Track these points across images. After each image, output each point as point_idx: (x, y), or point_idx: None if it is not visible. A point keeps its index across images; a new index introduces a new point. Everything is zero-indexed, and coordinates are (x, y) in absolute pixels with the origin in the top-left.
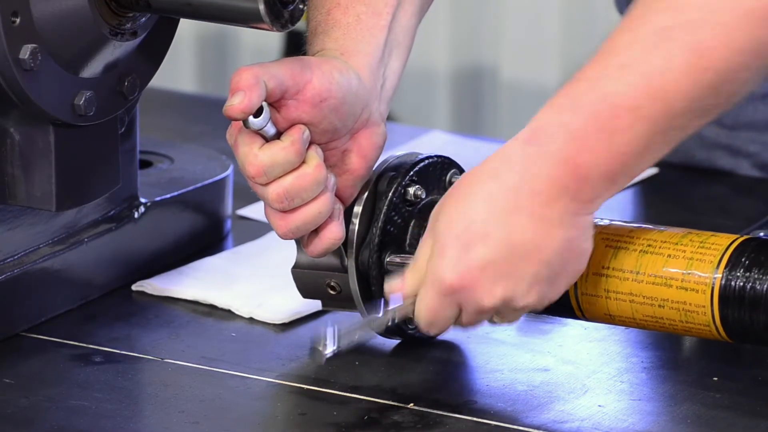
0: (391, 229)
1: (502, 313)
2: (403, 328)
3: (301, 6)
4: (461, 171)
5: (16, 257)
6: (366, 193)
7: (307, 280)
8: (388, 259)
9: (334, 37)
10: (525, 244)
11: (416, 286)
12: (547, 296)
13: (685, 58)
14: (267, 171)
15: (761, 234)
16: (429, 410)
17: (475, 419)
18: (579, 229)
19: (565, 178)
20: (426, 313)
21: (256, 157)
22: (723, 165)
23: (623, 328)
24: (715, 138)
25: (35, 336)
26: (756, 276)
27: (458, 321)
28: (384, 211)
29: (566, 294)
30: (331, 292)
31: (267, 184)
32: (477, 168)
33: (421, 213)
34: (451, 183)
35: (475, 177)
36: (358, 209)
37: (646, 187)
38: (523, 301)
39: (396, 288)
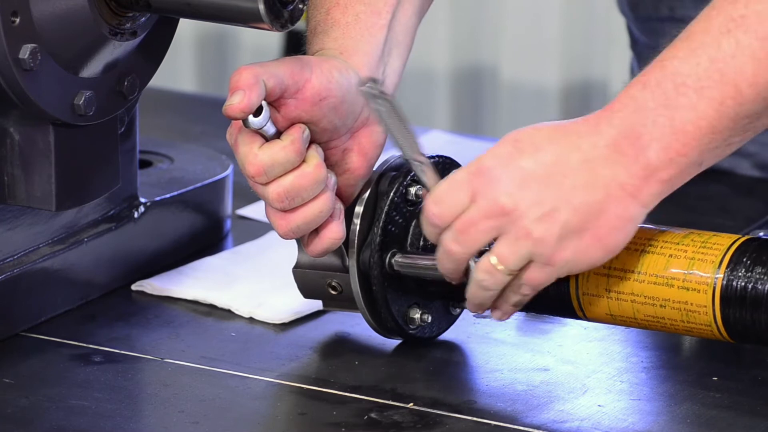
0: (393, 228)
1: (507, 235)
2: (404, 327)
3: (300, 6)
4: None
5: (16, 257)
6: (367, 193)
7: (308, 279)
8: (393, 260)
9: (333, 36)
10: (565, 178)
11: None
12: (554, 244)
13: (755, 46)
14: (267, 170)
15: (761, 234)
16: (429, 410)
17: (475, 419)
18: (621, 206)
19: (624, 145)
20: (439, 188)
21: (256, 156)
22: (722, 165)
23: (623, 328)
24: None
25: (35, 336)
26: (757, 276)
27: (460, 220)
28: (385, 210)
29: (567, 293)
30: (332, 292)
31: (267, 183)
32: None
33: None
34: None
35: (553, 122)
36: (359, 209)
37: None
38: (533, 226)
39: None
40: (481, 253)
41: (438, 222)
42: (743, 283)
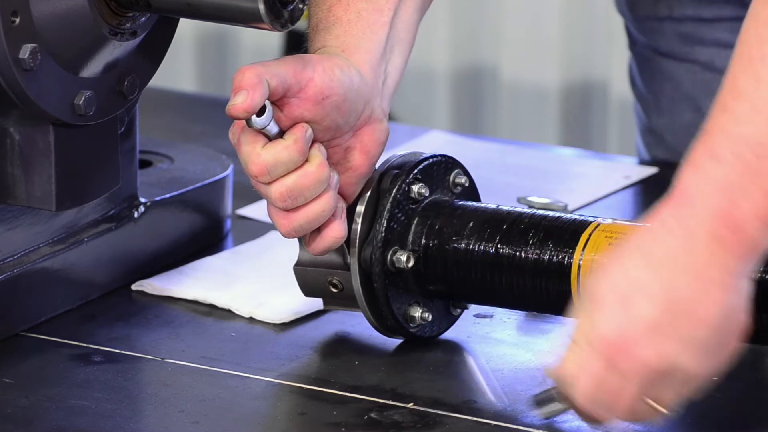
0: (395, 226)
1: (668, 384)
2: (404, 326)
3: (300, 6)
4: (465, 171)
5: (16, 257)
6: (369, 192)
7: (309, 277)
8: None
9: (335, 34)
10: (688, 302)
11: (576, 362)
12: (707, 366)
13: None
14: (270, 170)
15: None
16: (429, 410)
17: (475, 419)
18: (739, 295)
19: (723, 231)
20: (585, 382)
21: (259, 156)
22: None
23: None
24: None
25: (35, 336)
26: (760, 274)
27: (622, 399)
28: (388, 208)
29: (569, 293)
30: (333, 289)
31: (270, 183)
32: (632, 237)
33: (425, 211)
34: (455, 183)
35: (633, 242)
36: (361, 208)
37: (646, 187)
38: (688, 366)
39: (553, 370)
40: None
41: (605, 418)
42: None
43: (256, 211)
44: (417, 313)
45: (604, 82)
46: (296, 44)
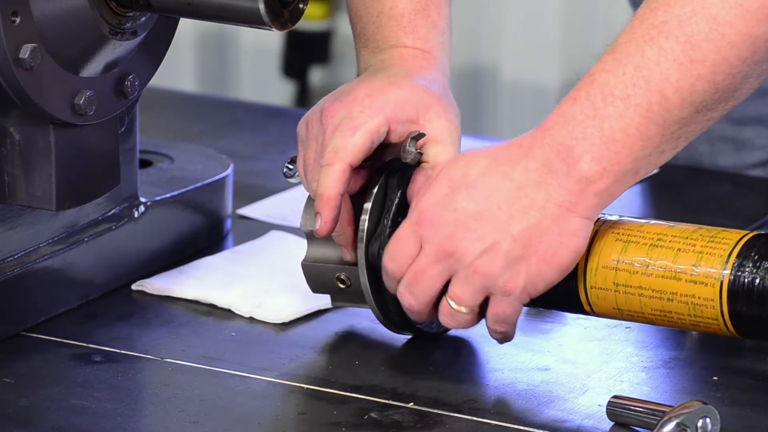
0: (402, 221)
1: (466, 281)
2: (412, 322)
3: (301, 6)
4: None
5: (16, 257)
6: (376, 187)
7: (316, 273)
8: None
9: (421, 35)
10: (500, 210)
11: None
12: (503, 275)
13: (677, 50)
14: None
15: (762, 233)
16: (429, 410)
17: (475, 419)
18: (561, 224)
19: (556, 160)
20: (391, 243)
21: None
22: (726, 162)
23: (623, 328)
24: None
25: (35, 335)
26: (765, 271)
27: (421, 275)
28: (396, 203)
29: (575, 288)
30: (341, 285)
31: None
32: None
33: None
34: None
35: (489, 147)
36: (368, 203)
37: (646, 187)
38: (478, 262)
39: None
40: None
41: (396, 276)
42: (751, 278)
43: (256, 211)
44: None
45: None
46: (296, 45)
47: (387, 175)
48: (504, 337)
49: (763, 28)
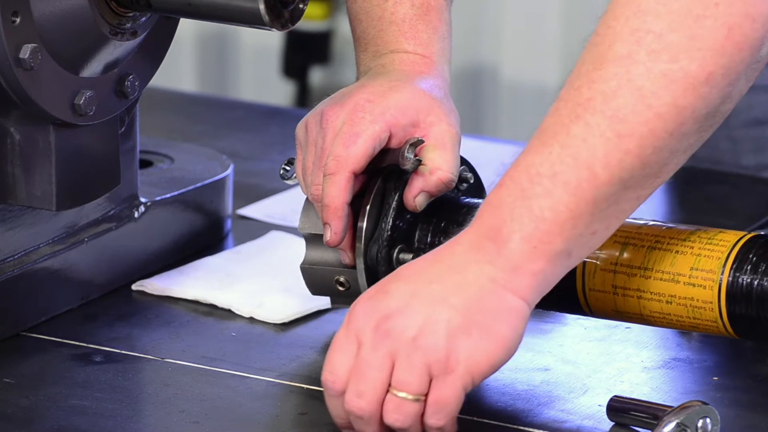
0: (401, 224)
1: (409, 364)
2: None
3: (301, 6)
4: (471, 168)
5: (16, 257)
6: (375, 190)
7: (315, 276)
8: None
9: (421, 40)
10: (433, 284)
11: None
12: (445, 347)
13: (603, 126)
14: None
15: (763, 233)
16: None
17: (475, 419)
18: (498, 299)
19: (485, 242)
20: (327, 357)
21: None
22: (748, 161)
23: (624, 327)
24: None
25: (36, 336)
26: (763, 273)
27: (366, 371)
28: (393, 206)
29: (574, 289)
30: (340, 288)
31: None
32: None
33: (430, 208)
34: (461, 179)
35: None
36: (366, 206)
37: None
38: (419, 336)
39: None
40: None
41: (339, 387)
42: (749, 280)
43: (256, 211)
44: None
45: None
46: (296, 45)
47: (384, 178)
48: None
49: (690, 98)
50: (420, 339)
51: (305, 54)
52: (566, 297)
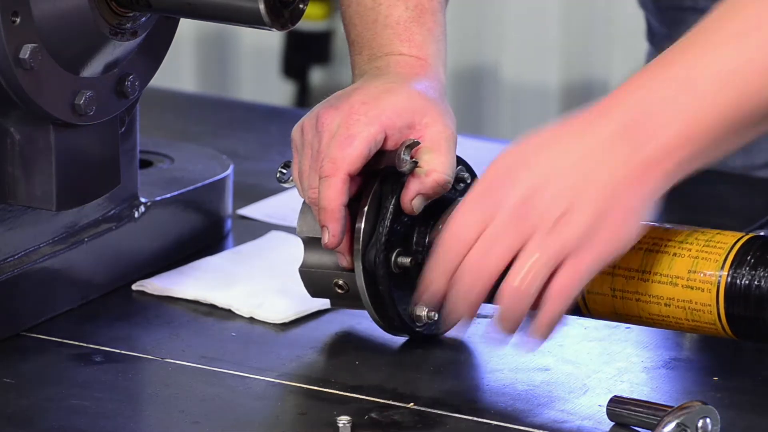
0: (398, 227)
1: (535, 234)
2: (410, 325)
3: (301, 6)
4: (468, 168)
5: (16, 257)
6: (372, 193)
7: (314, 279)
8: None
9: (416, 43)
10: (575, 173)
11: None
12: (586, 233)
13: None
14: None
15: (762, 233)
16: (430, 410)
17: (475, 419)
18: (632, 185)
19: (632, 131)
20: (451, 219)
21: None
22: (735, 162)
23: (624, 327)
24: None
25: (36, 336)
26: (761, 274)
27: (485, 238)
28: (391, 210)
29: None
30: (339, 291)
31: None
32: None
33: (428, 210)
34: (458, 179)
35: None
36: (364, 209)
37: None
38: (560, 221)
39: None
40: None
41: (455, 256)
42: (747, 282)
43: (256, 211)
44: (423, 312)
45: (604, 82)
46: (296, 45)
47: (381, 181)
48: (511, 327)
49: None
50: (559, 226)
51: (305, 54)
52: None
